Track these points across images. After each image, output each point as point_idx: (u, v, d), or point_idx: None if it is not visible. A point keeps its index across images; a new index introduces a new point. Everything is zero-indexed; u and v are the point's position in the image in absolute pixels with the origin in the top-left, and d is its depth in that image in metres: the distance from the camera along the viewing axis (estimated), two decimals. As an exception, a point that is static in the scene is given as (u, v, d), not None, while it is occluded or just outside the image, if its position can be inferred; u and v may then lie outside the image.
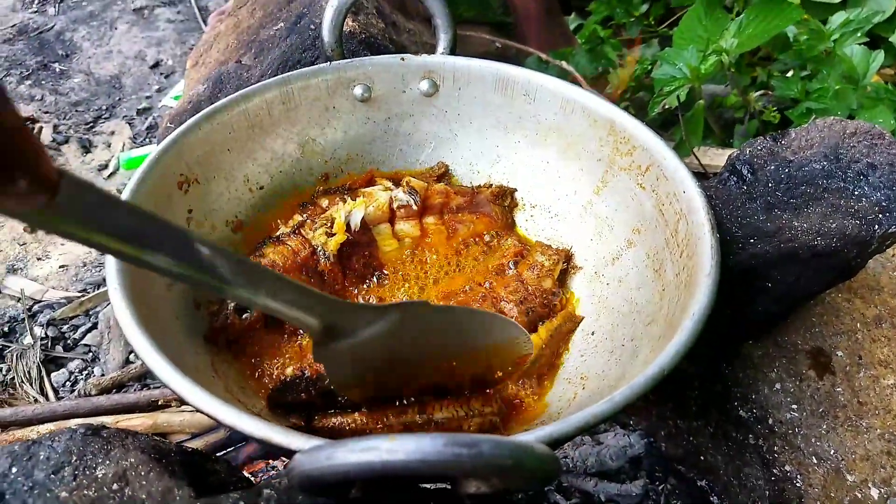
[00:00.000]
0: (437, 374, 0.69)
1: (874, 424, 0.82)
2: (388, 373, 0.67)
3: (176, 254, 0.46)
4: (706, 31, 1.34)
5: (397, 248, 0.86)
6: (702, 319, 0.59)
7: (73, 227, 0.40)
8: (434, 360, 0.68)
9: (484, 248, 0.87)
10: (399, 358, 0.65)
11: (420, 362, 0.67)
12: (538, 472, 0.40)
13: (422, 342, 0.66)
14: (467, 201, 0.89)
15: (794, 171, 0.77)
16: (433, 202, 0.88)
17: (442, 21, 0.91)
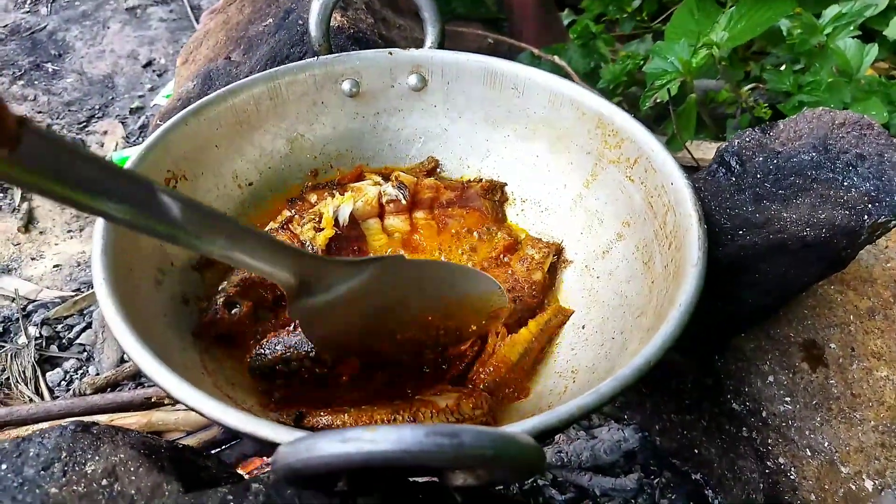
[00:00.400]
0: (414, 328, 0.69)
1: (868, 416, 0.82)
2: (365, 328, 0.67)
3: (140, 204, 0.45)
4: (698, 24, 1.34)
5: (387, 243, 0.86)
6: (688, 310, 0.59)
7: (35, 178, 0.39)
8: (410, 313, 0.68)
9: (474, 243, 0.87)
10: (376, 313, 0.66)
11: (397, 317, 0.67)
12: (521, 462, 0.40)
13: (398, 296, 0.66)
14: (457, 196, 0.89)
15: (783, 163, 0.77)
16: (423, 197, 0.88)
17: (429, 15, 0.91)
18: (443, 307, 0.70)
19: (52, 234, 1.49)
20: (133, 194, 0.45)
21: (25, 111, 1.83)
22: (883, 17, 1.45)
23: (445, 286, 0.70)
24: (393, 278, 0.65)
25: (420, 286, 0.68)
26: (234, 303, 0.74)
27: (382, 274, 0.63)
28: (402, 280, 0.66)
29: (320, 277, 0.60)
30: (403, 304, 0.68)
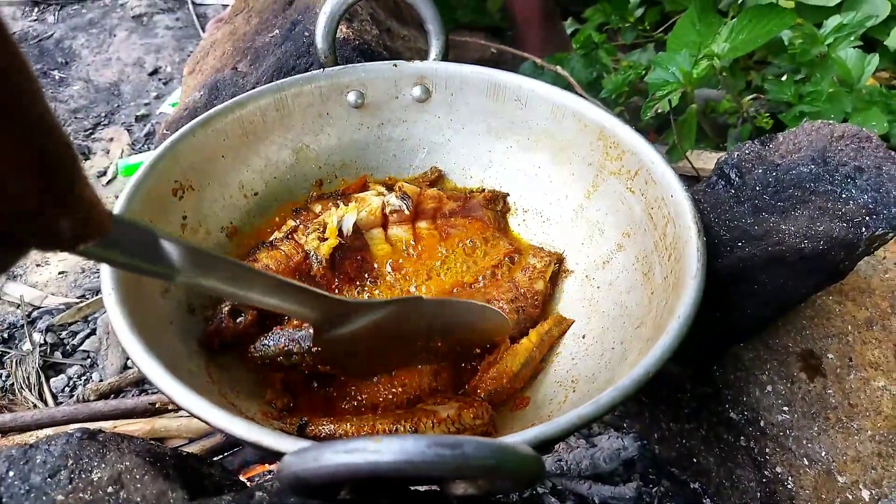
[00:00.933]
0: (423, 352, 0.74)
1: (865, 426, 0.83)
2: (380, 354, 0.71)
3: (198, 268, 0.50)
4: (699, 35, 1.35)
5: (390, 253, 0.86)
6: (687, 322, 0.59)
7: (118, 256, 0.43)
8: (423, 341, 0.73)
9: (475, 252, 0.88)
10: (391, 342, 0.70)
11: (410, 345, 0.72)
12: (522, 472, 0.41)
13: (413, 328, 0.71)
14: (460, 206, 0.90)
15: (782, 175, 0.78)
16: (426, 207, 0.89)
17: (434, 27, 0.92)
18: (453, 337, 0.75)
19: (58, 240, 1.50)
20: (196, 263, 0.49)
21: (32, 118, 1.84)
22: (884, 26, 1.46)
23: (460, 322, 0.75)
24: (411, 315, 0.69)
25: (434, 322, 0.72)
26: (239, 311, 0.75)
27: (400, 311, 0.68)
28: (418, 317, 0.70)
29: (342, 315, 0.64)
30: (417, 335, 0.72)
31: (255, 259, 0.79)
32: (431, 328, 0.72)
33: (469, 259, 0.87)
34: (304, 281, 0.79)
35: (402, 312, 0.68)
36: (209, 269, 0.50)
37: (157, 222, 0.75)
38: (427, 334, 0.73)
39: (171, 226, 0.78)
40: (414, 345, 0.72)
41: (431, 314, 0.72)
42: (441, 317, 0.73)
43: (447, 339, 0.74)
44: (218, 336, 0.74)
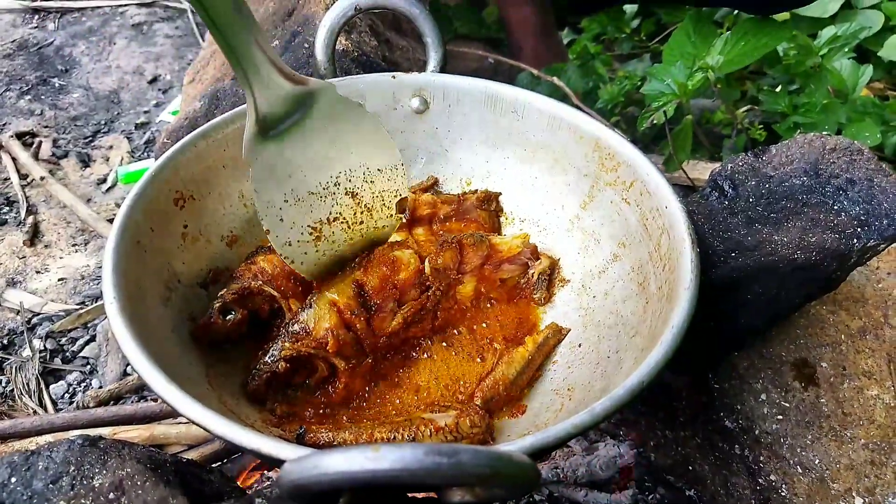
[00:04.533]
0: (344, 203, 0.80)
1: (858, 434, 0.84)
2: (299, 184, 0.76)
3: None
4: (694, 47, 1.36)
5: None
6: (681, 332, 0.60)
7: None
8: (339, 173, 0.79)
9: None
10: (314, 164, 0.77)
11: (330, 175, 0.78)
12: (517, 480, 0.41)
13: (330, 143, 0.77)
14: (454, 210, 0.91)
15: (775, 187, 0.79)
16: (421, 213, 0.90)
17: (432, 39, 0.93)
18: (364, 177, 0.81)
19: (58, 247, 1.51)
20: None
21: (32, 125, 1.85)
22: (877, 38, 1.47)
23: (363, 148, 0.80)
24: (329, 117, 0.76)
25: (346, 140, 0.78)
26: (229, 309, 0.76)
27: (323, 109, 0.75)
28: (335, 125, 0.77)
29: (274, 103, 0.71)
30: (333, 159, 0.78)
31: (254, 262, 0.80)
32: (346, 151, 0.78)
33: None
34: (299, 285, 0.80)
35: (320, 107, 0.74)
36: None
37: (158, 231, 0.75)
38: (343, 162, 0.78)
39: (172, 235, 0.78)
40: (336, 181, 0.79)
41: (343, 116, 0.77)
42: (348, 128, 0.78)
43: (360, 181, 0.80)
44: (206, 331, 0.75)
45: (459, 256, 0.85)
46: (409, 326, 0.78)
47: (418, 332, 0.80)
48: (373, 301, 0.77)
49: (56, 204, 1.61)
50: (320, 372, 0.72)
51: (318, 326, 0.74)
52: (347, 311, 0.75)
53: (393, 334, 0.77)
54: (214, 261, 0.82)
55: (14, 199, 1.63)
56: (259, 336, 0.79)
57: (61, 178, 1.70)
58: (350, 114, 0.78)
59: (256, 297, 0.78)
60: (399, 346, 0.79)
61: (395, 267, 0.80)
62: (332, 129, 0.77)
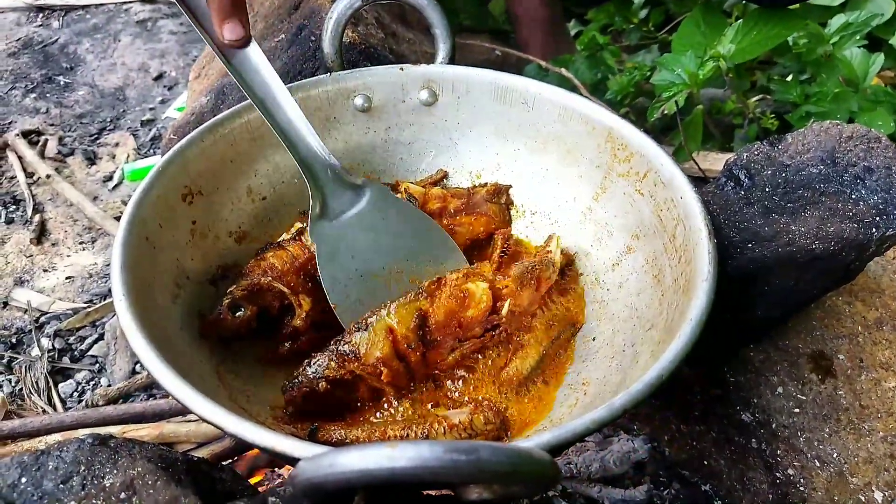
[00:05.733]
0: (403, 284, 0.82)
1: (876, 427, 0.83)
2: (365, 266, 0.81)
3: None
4: (704, 36, 1.35)
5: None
6: (699, 324, 0.59)
7: None
8: (400, 261, 0.83)
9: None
10: (373, 250, 0.82)
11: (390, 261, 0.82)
12: (537, 477, 0.40)
13: (388, 231, 0.83)
14: (464, 203, 0.90)
15: (791, 176, 0.78)
16: (432, 207, 0.89)
17: (441, 31, 0.92)
18: (426, 269, 0.83)
19: (65, 246, 1.50)
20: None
21: (38, 123, 1.85)
22: (889, 26, 1.45)
23: (424, 240, 0.85)
24: (383, 207, 0.83)
25: (404, 229, 0.84)
26: (238, 306, 0.75)
27: (376, 200, 0.83)
28: (390, 213, 0.84)
29: (335, 197, 0.81)
30: (394, 246, 0.83)
31: (263, 258, 0.79)
32: (405, 242, 0.84)
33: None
34: (309, 281, 0.80)
35: (377, 202, 0.83)
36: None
37: (166, 227, 0.75)
38: (404, 252, 0.83)
39: (181, 231, 0.78)
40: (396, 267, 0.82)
41: (402, 214, 0.85)
42: (411, 223, 0.85)
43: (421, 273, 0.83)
44: (215, 327, 0.74)
45: (537, 294, 0.80)
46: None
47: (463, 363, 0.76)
48: (433, 336, 0.73)
49: (62, 202, 1.61)
50: (361, 393, 0.71)
51: (369, 353, 0.70)
52: (404, 342, 0.71)
53: (443, 366, 0.75)
54: (223, 257, 0.82)
55: (20, 197, 1.62)
56: (269, 332, 0.78)
57: (67, 175, 1.69)
58: (405, 208, 0.86)
59: (266, 294, 0.77)
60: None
61: (465, 303, 0.75)
62: (389, 219, 0.84)
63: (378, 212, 0.83)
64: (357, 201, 0.83)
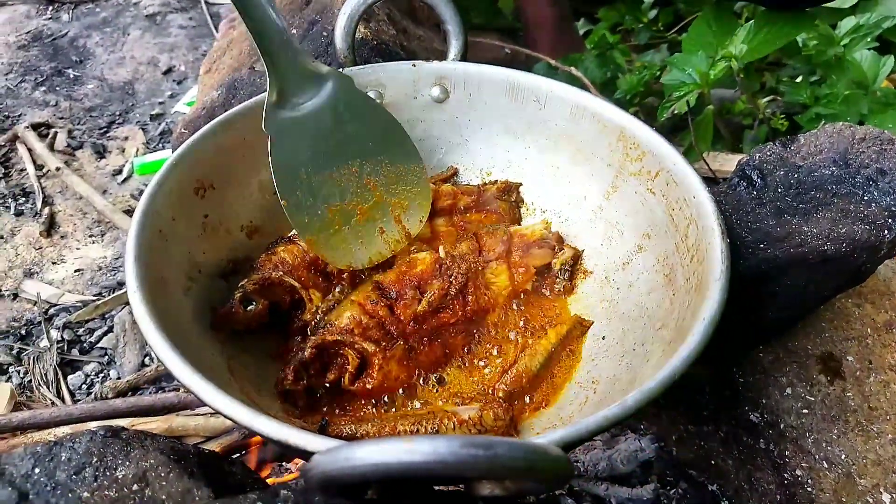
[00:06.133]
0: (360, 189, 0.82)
1: (885, 429, 0.83)
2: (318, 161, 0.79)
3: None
4: (715, 36, 1.35)
5: (407, 250, 0.87)
6: (712, 324, 0.59)
7: None
8: (356, 161, 0.81)
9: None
10: (330, 147, 0.80)
11: (347, 160, 0.81)
12: (551, 474, 0.41)
13: (347, 131, 0.80)
14: (474, 200, 0.90)
15: (804, 177, 0.78)
16: (442, 204, 0.89)
17: (453, 27, 0.92)
18: (382, 170, 0.83)
19: (74, 238, 1.51)
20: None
21: (47, 116, 1.85)
22: (899, 28, 1.45)
23: (383, 139, 0.83)
24: (346, 100, 0.80)
25: (364, 126, 0.82)
26: (250, 300, 0.75)
27: (338, 92, 0.79)
28: (352, 108, 0.81)
29: (295, 84, 0.77)
30: (350, 144, 0.81)
31: (274, 252, 0.79)
32: (364, 142, 0.81)
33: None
34: (318, 275, 0.80)
35: (338, 96, 0.79)
36: None
37: (178, 220, 0.75)
38: (360, 152, 0.81)
39: (193, 225, 0.78)
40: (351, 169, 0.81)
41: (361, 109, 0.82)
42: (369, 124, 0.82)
43: (379, 176, 0.82)
44: (227, 320, 0.74)
45: (477, 244, 0.84)
46: (438, 312, 0.77)
47: (450, 318, 0.78)
48: (392, 291, 0.77)
49: (72, 195, 1.61)
50: (352, 361, 0.72)
51: (340, 319, 0.74)
52: (367, 302, 0.76)
53: (421, 319, 0.76)
54: (234, 251, 0.82)
55: (30, 190, 1.63)
56: (280, 326, 0.79)
57: (77, 169, 1.70)
58: (367, 105, 0.83)
59: (277, 288, 0.77)
60: (433, 333, 0.77)
61: (412, 263, 0.80)
62: (349, 115, 0.80)
63: (340, 105, 0.80)
64: (318, 92, 0.79)
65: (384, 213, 0.84)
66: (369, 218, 0.82)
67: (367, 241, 0.82)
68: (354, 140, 0.81)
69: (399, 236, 0.84)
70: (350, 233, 0.81)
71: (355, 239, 0.81)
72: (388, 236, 0.84)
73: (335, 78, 0.80)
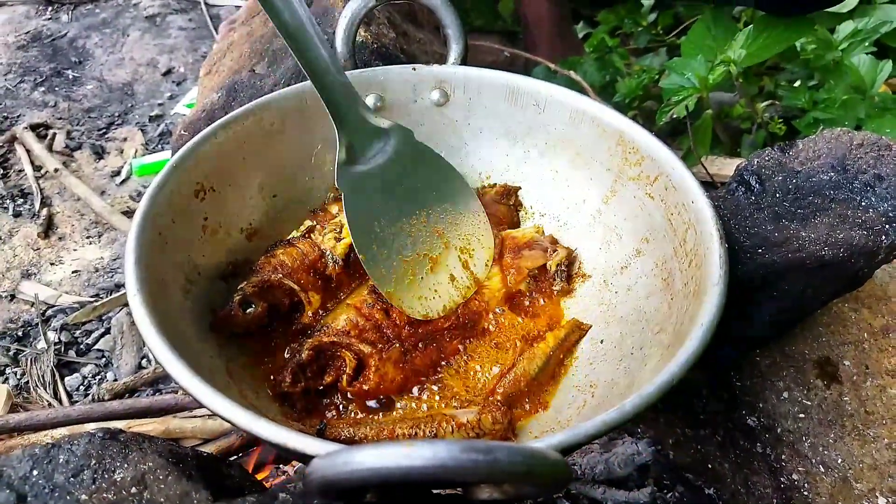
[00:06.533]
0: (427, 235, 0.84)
1: (881, 434, 0.83)
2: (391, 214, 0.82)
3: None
4: (714, 40, 1.35)
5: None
6: (711, 329, 0.59)
7: None
8: (423, 209, 0.84)
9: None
10: (398, 196, 0.83)
11: (413, 209, 0.83)
12: (550, 478, 0.41)
13: (413, 179, 0.84)
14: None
15: (802, 182, 0.78)
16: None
17: (453, 31, 0.92)
18: (447, 217, 0.85)
19: (72, 239, 1.51)
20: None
21: (46, 117, 1.85)
22: (896, 33, 1.45)
23: (444, 186, 0.86)
24: (409, 153, 0.83)
25: (427, 175, 0.85)
26: (249, 302, 0.75)
27: (402, 145, 0.82)
28: (415, 158, 0.84)
29: (361, 140, 0.80)
30: (417, 194, 0.84)
31: (273, 255, 0.79)
32: (429, 189, 0.85)
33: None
34: (318, 278, 0.80)
35: (403, 148, 0.82)
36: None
37: (178, 223, 0.75)
38: (427, 199, 0.84)
39: (193, 227, 0.78)
40: (419, 217, 0.83)
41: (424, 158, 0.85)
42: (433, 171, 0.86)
43: (445, 222, 0.85)
44: (226, 323, 0.74)
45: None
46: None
47: (443, 322, 0.79)
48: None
49: (70, 196, 1.61)
50: (349, 362, 0.72)
51: (336, 321, 0.75)
52: (363, 305, 0.76)
53: (416, 323, 0.77)
54: (234, 253, 0.82)
55: (28, 190, 1.63)
56: (279, 329, 0.79)
57: (75, 170, 1.70)
58: (427, 154, 0.86)
59: (276, 291, 0.78)
60: (428, 337, 0.78)
61: None
62: (413, 166, 0.84)
63: (404, 157, 0.83)
64: (383, 146, 0.82)
65: (453, 260, 0.84)
66: (441, 267, 0.83)
67: (440, 289, 0.82)
68: (420, 189, 0.84)
69: (469, 282, 0.84)
70: (424, 283, 0.82)
71: (429, 288, 0.82)
72: (459, 283, 0.84)
73: (397, 130, 0.82)
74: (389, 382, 0.73)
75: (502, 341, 0.81)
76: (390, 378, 0.73)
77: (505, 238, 0.87)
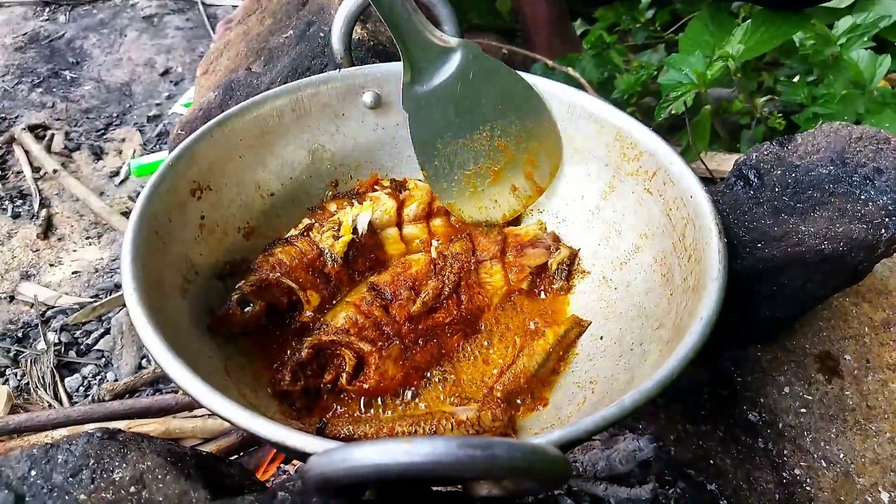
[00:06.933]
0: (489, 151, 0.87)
1: (883, 428, 0.83)
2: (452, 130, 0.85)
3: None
4: (712, 36, 1.35)
5: (404, 252, 0.87)
6: (710, 323, 0.59)
7: None
8: (485, 123, 0.86)
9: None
10: (460, 111, 0.84)
11: (475, 123, 0.85)
12: (550, 474, 0.41)
13: (475, 93, 0.84)
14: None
15: (801, 176, 0.78)
16: (439, 205, 0.89)
17: (450, 27, 0.92)
18: (512, 130, 0.87)
19: (71, 240, 1.51)
20: None
21: (44, 118, 1.85)
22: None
23: (512, 100, 0.86)
24: (475, 69, 0.83)
25: (493, 90, 0.85)
26: (247, 301, 0.75)
27: (467, 62, 0.83)
28: (481, 75, 0.84)
29: (427, 62, 0.82)
30: (481, 110, 0.85)
31: (271, 253, 0.79)
32: (493, 103, 0.85)
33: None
34: (317, 277, 0.80)
35: (466, 63, 0.83)
36: None
37: (175, 222, 0.75)
38: (490, 113, 0.85)
39: (190, 226, 0.78)
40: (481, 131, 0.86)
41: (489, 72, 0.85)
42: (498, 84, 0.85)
43: (510, 137, 0.86)
44: (224, 322, 0.74)
45: (471, 244, 0.85)
46: (433, 312, 0.78)
47: (445, 318, 0.79)
48: (387, 292, 0.78)
49: (69, 197, 1.61)
50: (349, 361, 0.72)
51: (336, 319, 0.75)
52: (363, 303, 0.76)
53: (416, 319, 0.77)
54: (231, 252, 0.82)
55: (27, 192, 1.63)
56: (277, 328, 0.78)
57: (74, 170, 1.70)
58: (494, 68, 0.86)
59: (274, 289, 0.77)
60: (429, 333, 0.78)
61: (407, 265, 0.81)
62: (478, 82, 0.84)
63: (469, 74, 0.84)
64: (448, 64, 0.83)
65: (515, 171, 0.88)
66: (502, 178, 0.88)
67: (500, 199, 0.88)
68: (484, 105, 0.86)
69: (531, 191, 0.89)
70: (485, 194, 0.88)
71: (490, 199, 0.88)
72: (520, 193, 0.89)
73: (463, 48, 0.83)
74: (390, 380, 0.73)
75: (502, 338, 0.80)
76: (390, 376, 0.73)
77: (508, 235, 0.87)
